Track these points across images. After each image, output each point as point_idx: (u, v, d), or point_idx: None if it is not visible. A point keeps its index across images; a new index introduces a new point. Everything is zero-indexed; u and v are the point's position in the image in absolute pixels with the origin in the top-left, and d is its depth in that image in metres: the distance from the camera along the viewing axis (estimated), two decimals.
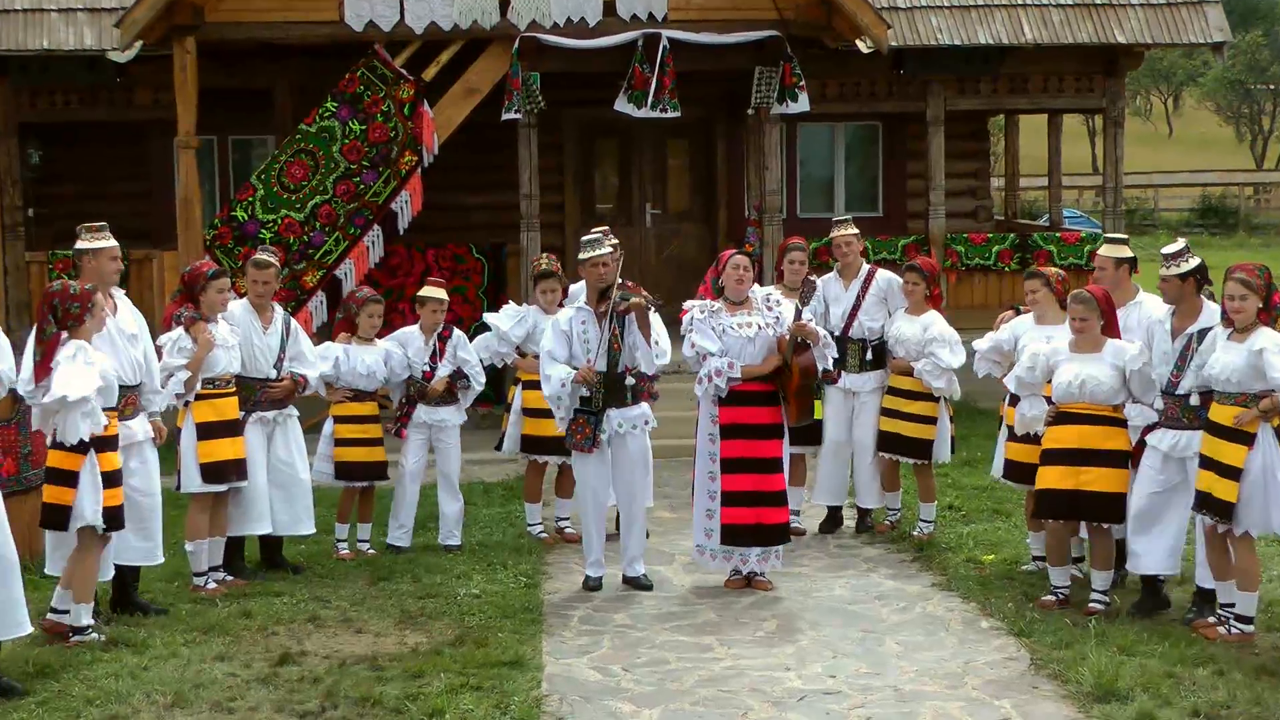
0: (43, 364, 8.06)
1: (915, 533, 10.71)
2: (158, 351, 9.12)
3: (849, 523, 11.15)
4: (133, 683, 7.69)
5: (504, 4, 14.20)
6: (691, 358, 9.53)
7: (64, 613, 8.37)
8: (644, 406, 9.55)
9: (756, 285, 9.83)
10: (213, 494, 9.46)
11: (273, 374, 9.78)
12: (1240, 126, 68.00)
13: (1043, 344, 9.14)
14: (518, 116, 14.35)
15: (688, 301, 9.75)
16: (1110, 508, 8.69)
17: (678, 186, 18.12)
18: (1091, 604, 8.77)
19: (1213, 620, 8.38)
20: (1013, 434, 9.50)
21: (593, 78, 15.13)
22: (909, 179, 18.17)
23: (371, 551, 10.41)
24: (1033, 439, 9.18)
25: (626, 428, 9.43)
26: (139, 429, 8.73)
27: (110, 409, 8.27)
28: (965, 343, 10.46)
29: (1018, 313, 9.90)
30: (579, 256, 9.53)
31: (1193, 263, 8.44)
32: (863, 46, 14.66)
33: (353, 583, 9.65)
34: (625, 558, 9.65)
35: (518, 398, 10.82)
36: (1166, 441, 8.50)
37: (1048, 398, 9.02)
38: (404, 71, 14.05)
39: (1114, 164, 16.26)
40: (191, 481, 9.41)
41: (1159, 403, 8.58)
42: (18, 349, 8.11)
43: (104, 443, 8.20)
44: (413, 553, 10.39)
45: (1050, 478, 8.79)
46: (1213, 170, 49.76)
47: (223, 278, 9.52)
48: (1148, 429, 8.67)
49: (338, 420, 10.35)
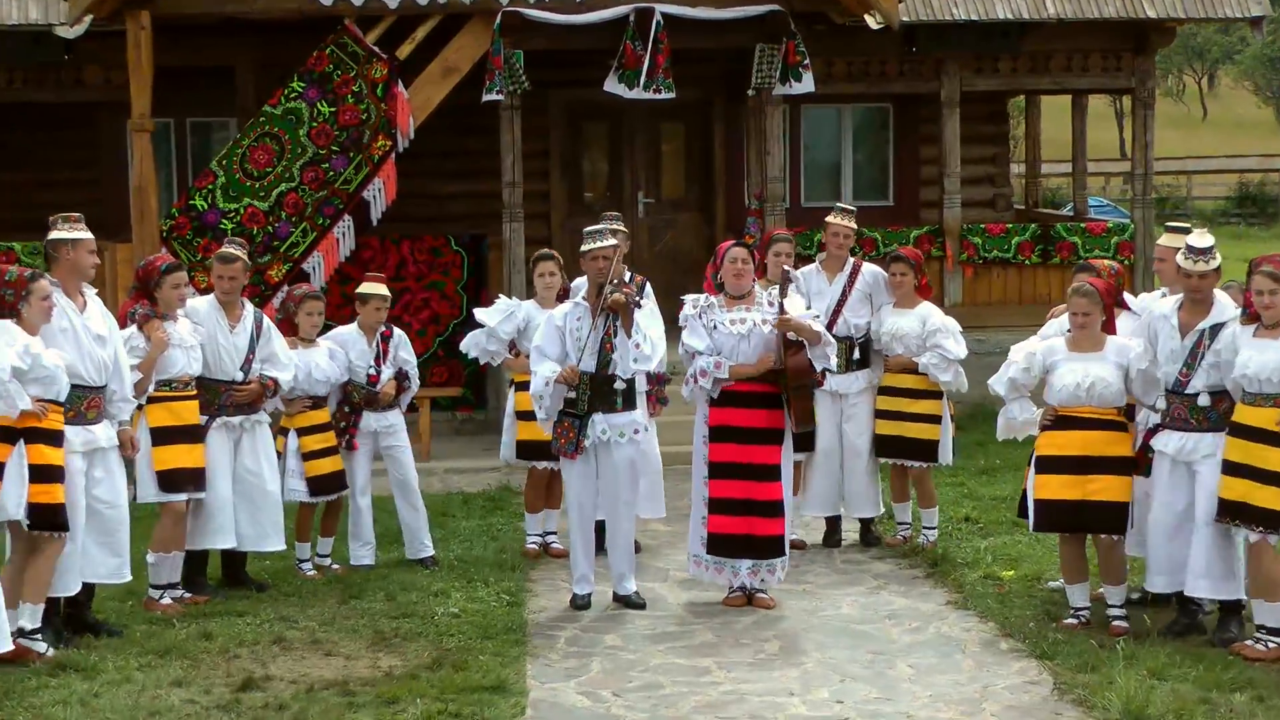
0: None
1: (922, 540, 10.74)
2: None
3: (851, 535, 11.15)
4: (82, 711, 7.69)
5: None
6: (683, 357, 9.56)
7: (34, 634, 8.39)
8: (635, 414, 9.53)
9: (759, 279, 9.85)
10: (182, 504, 9.44)
11: (239, 376, 9.76)
12: None
13: (1038, 341, 9.14)
14: (500, 98, 14.35)
15: (685, 296, 9.77)
16: (1118, 518, 8.73)
17: (673, 174, 18.12)
18: (1115, 623, 8.79)
19: (1250, 641, 8.40)
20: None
21: (581, 56, 15.13)
22: (922, 165, 18.18)
23: (338, 568, 10.41)
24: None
25: (612, 435, 9.43)
26: (102, 434, 8.73)
27: (54, 402, 8.26)
28: (980, 340, 10.48)
29: None
30: (581, 248, 9.54)
31: (1219, 257, 8.48)
32: (872, 22, 14.67)
33: (321, 601, 9.65)
34: (614, 574, 9.66)
35: (510, 400, 10.83)
36: (1173, 444, 8.53)
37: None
38: (377, 49, 14.05)
39: (1143, 148, 16.29)
40: (148, 490, 9.41)
41: (1161, 402, 8.61)
42: None
43: (40, 435, 8.19)
44: (385, 569, 10.39)
45: (1053, 487, 8.78)
46: (1250, 155, 49.77)
47: (178, 272, 9.51)
48: (1149, 433, 8.69)
49: (303, 433, 10.31)
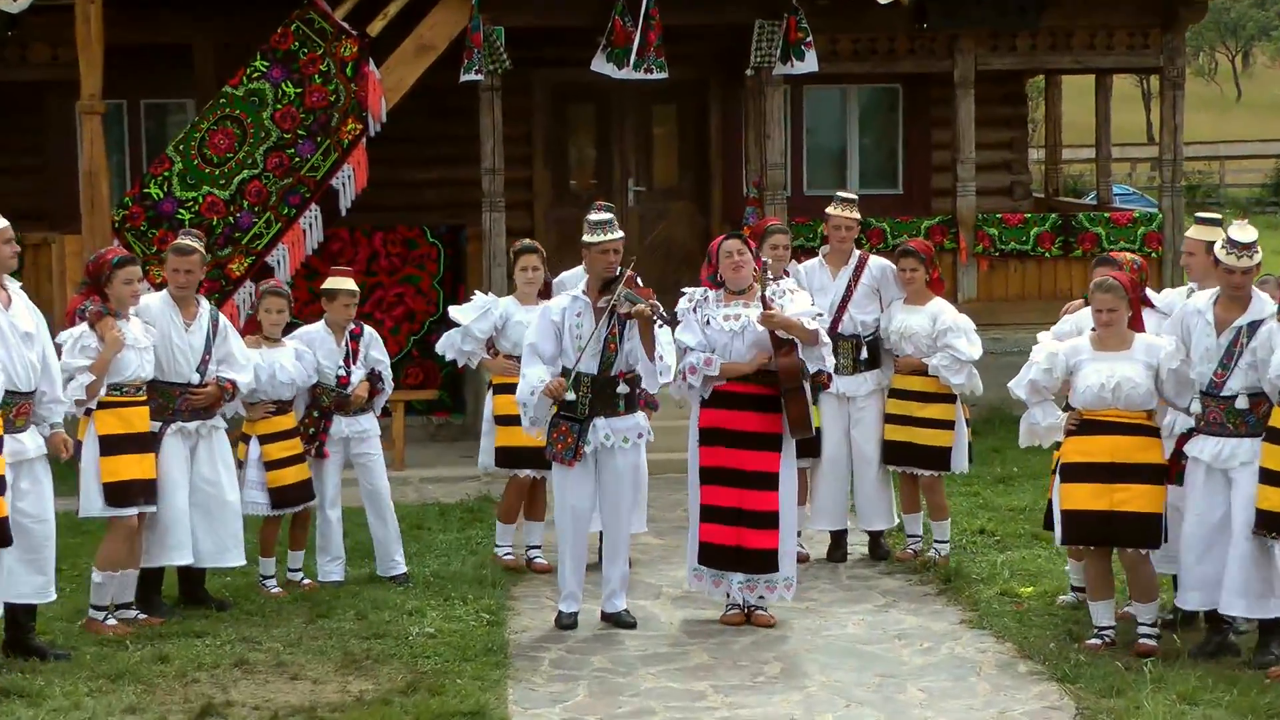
0: None
1: (933, 554, 10.74)
2: (57, 350, 9.07)
3: (860, 549, 11.16)
4: None
5: None
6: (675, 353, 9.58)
7: None
8: (638, 417, 9.55)
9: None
10: (133, 519, 9.40)
11: (195, 378, 9.73)
12: None
13: (1058, 341, 9.13)
14: (479, 78, 14.34)
15: (686, 289, 9.77)
16: (1149, 531, 8.72)
17: (665, 160, 18.12)
18: (1142, 641, 8.79)
19: None
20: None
21: (566, 33, 15.12)
22: (933, 150, 18.18)
23: (307, 583, 10.40)
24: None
25: (615, 441, 9.44)
26: (30, 444, 8.68)
27: None
28: (997, 339, 10.48)
29: (1088, 303, 9.89)
30: (584, 239, 9.52)
31: (1261, 252, 8.49)
32: None
33: (287, 621, 9.63)
34: (605, 590, 9.66)
35: (488, 404, 10.83)
36: (1209, 450, 8.54)
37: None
38: (346, 25, 14.03)
39: (1172, 132, 16.29)
40: (93, 504, 9.34)
41: (1195, 405, 8.62)
42: None
43: None
44: (356, 586, 10.38)
45: (1079, 497, 8.78)
46: None
47: (130, 266, 9.44)
48: (1183, 437, 8.70)
49: (264, 440, 10.27)
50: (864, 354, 10.84)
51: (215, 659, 8.90)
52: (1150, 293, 9.61)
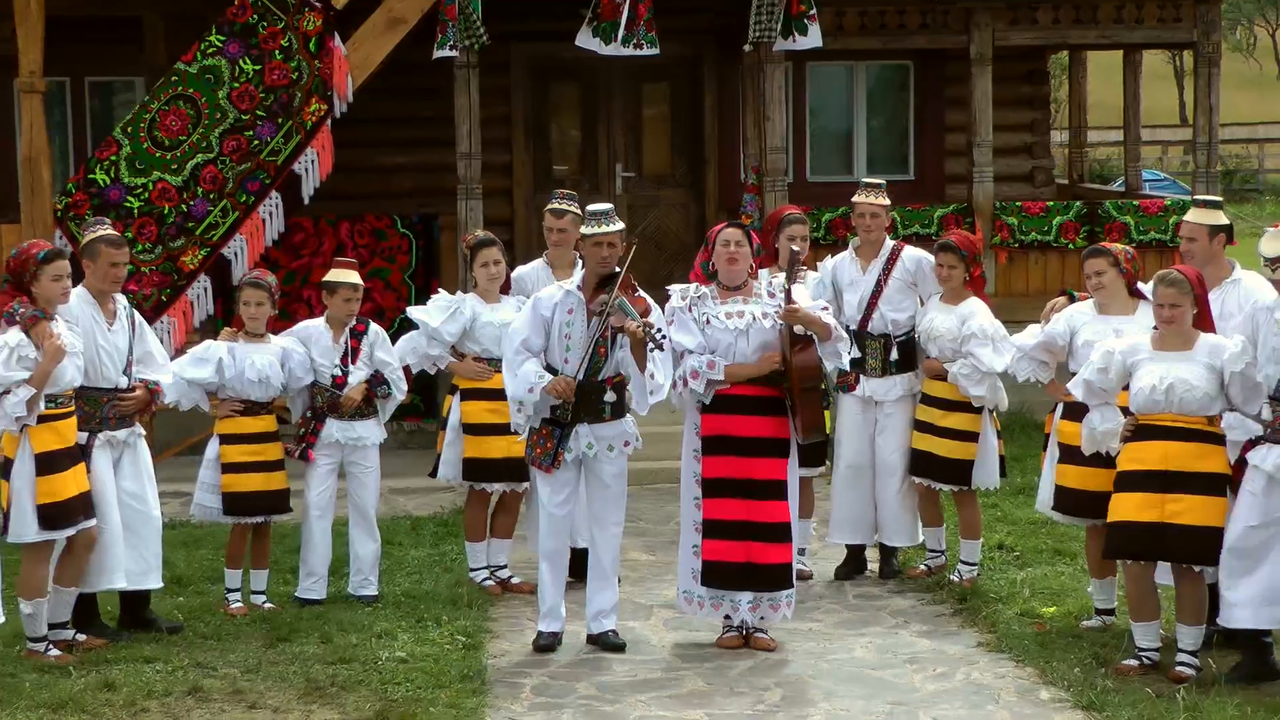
0: None
1: (954, 577, 10.75)
2: None
3: (872, 565, 11.18)
4: None
5: None
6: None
7: None
8: (625, 423, 9.57)
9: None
10: (53, 539, 9.33)
11: (123, 382, 9.69)
12: None
13: (1117, 339, 9.15)
14: (454, 54, 14.33)
15: (670, 287, 9.77)
16: (1203, 545, 8.71)
17: (656, 144, 18.13)
18: (1179, 668, 8.80)
19: None
20: (1064, 453, 9.54)
21: (549, 5, 15.11)
22: (948, 133, 18.21)
23: (269, 605, 10.40)
24: (1104, 459, 9.18)
25: (600, 448, 9.45)
26: None
27: None
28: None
29: (1072, 300, 9.94)
30: (582, 230, 9.52)
31: None
32: None
33: (245, 644, 9.63)
34: (591, 610, 9.66)
35: (454, 411, 10.82)
36: (1272, 460, 8.55)
37: (1123, 407, 9.05)
38: None
39: (1207, 113, 16.32)
40: (26, 528, 9.20)
41: (1266, 411, 8.62)
42: None
43: None
44: (320, 606, 10.38)
45: (1128, 508, 8.80)
46: None
47: (59, 260, 9.27)
48: (1249, 445, 8.70)
49: (225, 440, 10.31)
50: (895, 355, 10.83)
51: (166, 686, 8.88)
52: (1142, 285, 9.65)
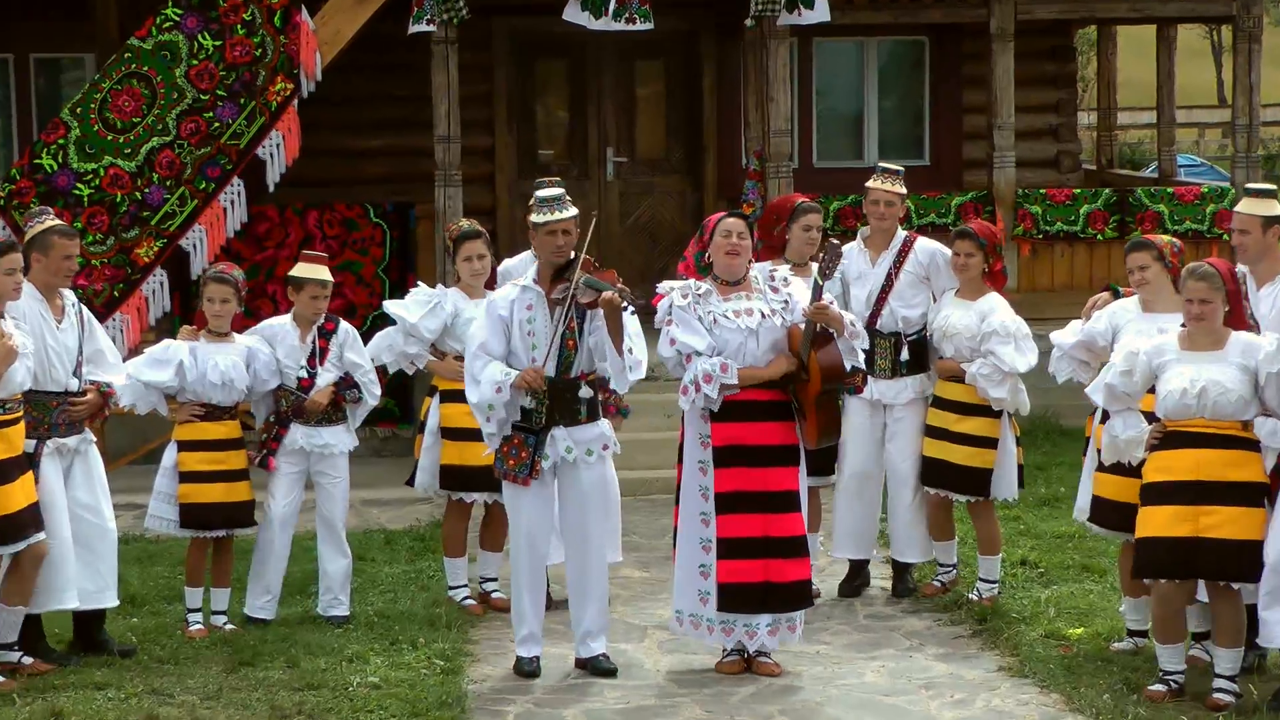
0: None
1: (974, 596, 10.75)
2: None
3: (880, 582, 11.18)
4: None
5: None
6: (671, 359, 9.54)
7: None
8: (602, 425, 9.55)
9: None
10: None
11: (73, 384, 9.67)
12: None
13: (1140, 338, 9.14)
14: (431, 29, 14.33)
15: (664, 283, 9.74)
16: (1241, 562, 8.71)
17: (650, 126, 18.13)
18: (1217, 695, 8.80)
19: None
20: (1103, 463, 9.53)
21: None
22: (966, 115, 18.22)
23: (230, 627, 10.39)
24: (1129, 469, 9.19)
25: (578, 453, 9.43)
26: None
27: None
28: (1040, 336, 10.47)
29: (1116, 295, 9.93)
30: (531, 219, 9.51)
31: None
32: None
33: (205, 669, 9.61)
34: (578, 632, 9.66)
35: (433, 414, 10.82)
36: None
37: (1147, 413, 9.04)
38: None
39: (1247, 93, 16.33)
40: None
41: None
42: None
43: None
44: (286, 628, 10.38)
45: (1158, 522, 8.79)
46: None
47: (11, 253, 9.26)
48: None
49: (183, 447, 10.29)
50: (905, 354, 10.83)
51: (119, 715, 8.86)
52: None
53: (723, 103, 17.72)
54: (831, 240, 9.81)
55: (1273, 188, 9.45)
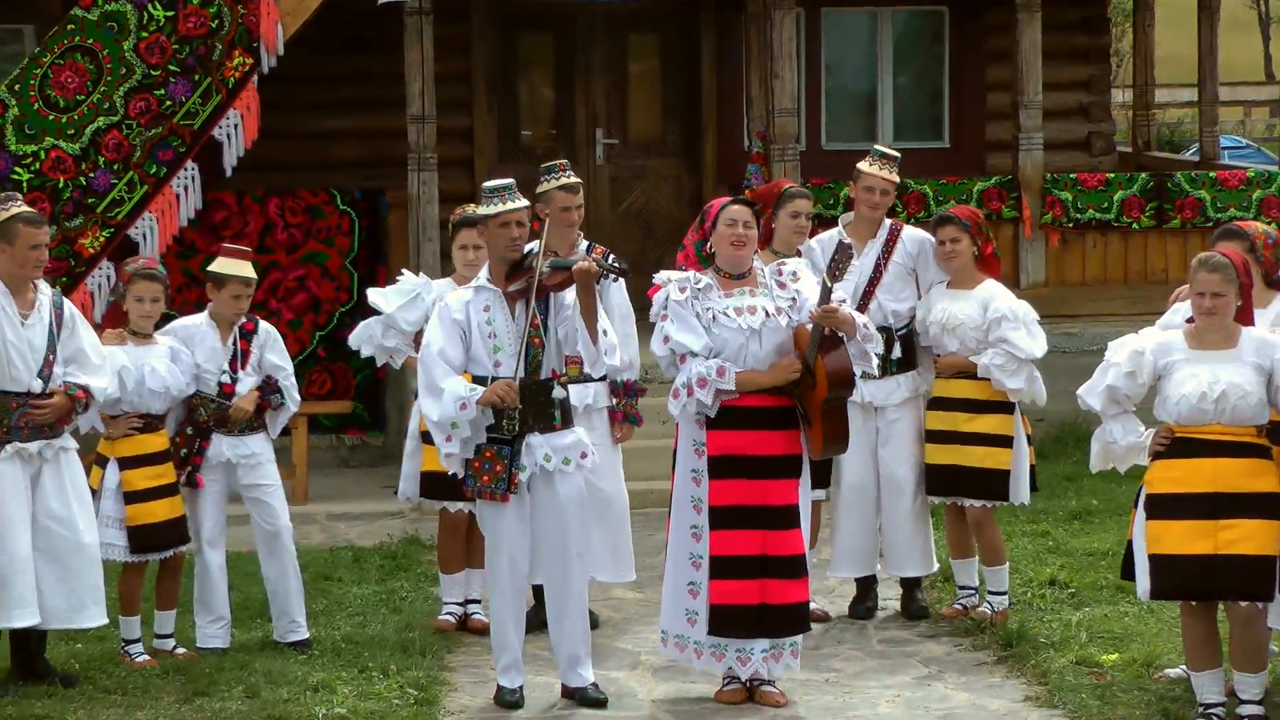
0: None
1: (985, 609, 10.77)
2: None
3: (888, 602, 11.18)
4: None
5: None
6: (664, 358, 9.54)
7: None
8: (578, 432, 9.55)
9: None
10: None
11: (38, 386, 9.68)
12: None
13: (1140, 337, 9.10)
14: (404, 0, 14.36)
15: (662, 273, 9.73)
16: (1261, 578, 8.70)
17: (644, 105, 18.17)
18: None
19: None
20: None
21: None
22: (989, 93, 18.24)
23: (182, 652, 10.38)
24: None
25: (555, 462, 9.42)
26: None
27: None
28: (1071, 335, 10.47)
29: None
30: (480, 211, 9.50)
31: None
32: None
33: (155, 700, 9.60)
34: (562, 656, 9.65)
35: (414, 418, 10.82)
36: None
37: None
38: None
39: None
40: None
41: None
42: None
43: None
44: (244, 654, 10.36)
45: (1173, 539, 8.75)
46: None
47: None
48: None
49: (125, 465, 10.24)
50: (896, 352, 10.84)
51: None
52: None
53: (723, 80, 17.74)
54: (844, 241, 9.83)
55: None
